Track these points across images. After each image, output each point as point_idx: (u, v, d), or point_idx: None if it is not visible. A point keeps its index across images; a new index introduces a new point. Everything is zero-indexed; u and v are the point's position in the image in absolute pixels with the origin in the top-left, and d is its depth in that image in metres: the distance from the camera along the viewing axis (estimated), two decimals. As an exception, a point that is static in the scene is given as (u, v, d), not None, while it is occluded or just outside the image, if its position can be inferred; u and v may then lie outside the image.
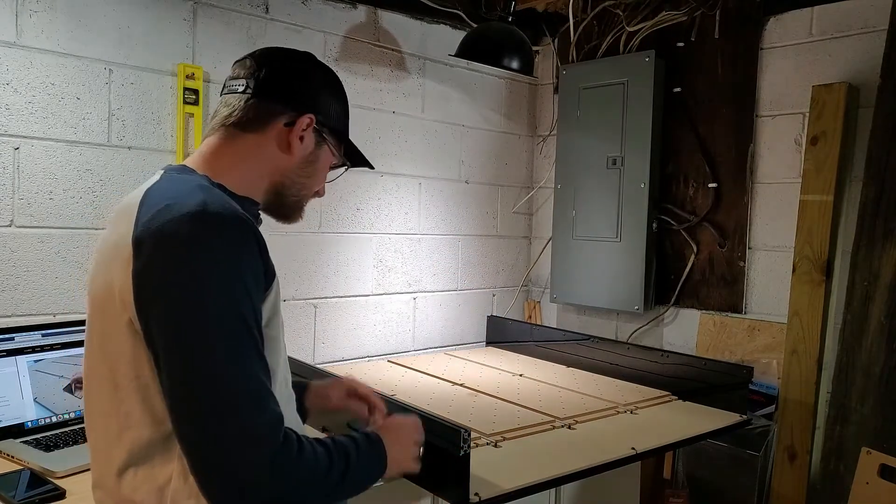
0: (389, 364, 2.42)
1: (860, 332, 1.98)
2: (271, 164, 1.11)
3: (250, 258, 0.95)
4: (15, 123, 1.77)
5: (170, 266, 0.90)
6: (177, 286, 0.90)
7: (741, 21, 2.37)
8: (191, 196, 0.95)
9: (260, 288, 0.97)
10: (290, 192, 1.14)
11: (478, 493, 1.33)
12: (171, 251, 0.90)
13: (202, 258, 0.90)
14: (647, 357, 2.23)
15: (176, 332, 0.89)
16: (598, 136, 2.64)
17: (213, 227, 0.92)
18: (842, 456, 1.99)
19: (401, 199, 2.63)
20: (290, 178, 1.13)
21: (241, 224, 0.95)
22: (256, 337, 0.93)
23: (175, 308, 0.90)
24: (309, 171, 1.14)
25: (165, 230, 0.91)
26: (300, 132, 1.10)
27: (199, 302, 0.89)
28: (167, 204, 0.94)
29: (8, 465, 1.47)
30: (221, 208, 0.94)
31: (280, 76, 1.11)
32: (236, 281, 0.92)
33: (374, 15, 2.50)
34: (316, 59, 1.18)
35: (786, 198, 2.28)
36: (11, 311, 1.78)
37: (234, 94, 1.10)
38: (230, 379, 0.89)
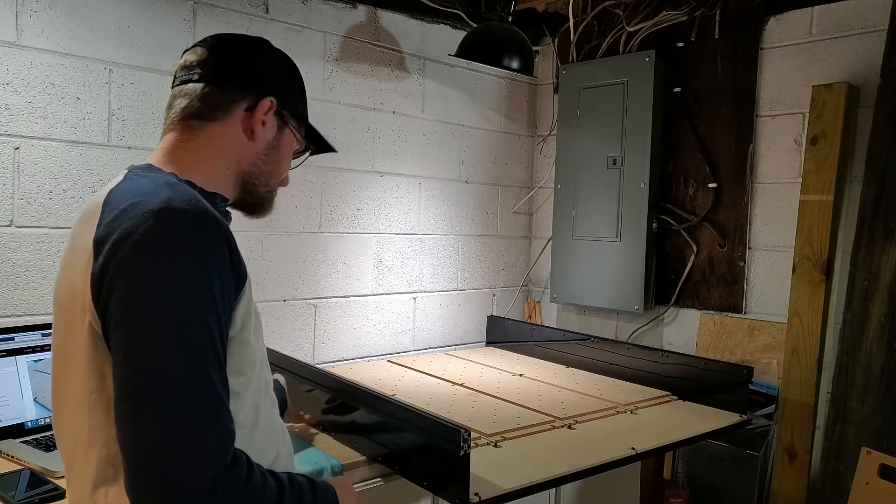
0: (389, 364, 2.42)
1: (860, 332, 1.98)
2: (237, 153, 1.06)
3: (218, 259, 0.89)
4: (15, 123, 1.77)
5: (130, 266, 0.85)
6: (137, 287, 0.84)
7: (741, 21, 2.37)
8: (156, 193, 0.90)
9: (229, 291, 0.91)
10: (259, 182, 1.10)
11: (478, 493, 1.33)
12: (132, 251, 0.85)
13: (165, 258, 0.85)
14: (647, 357, 2.23)
15: (133, 333, 0.84)
16: (598, 135, 2.64)
17: (179, 226, 0.87)
18: (842, 456, 1.99)
19: (401, 199, 2.63)
20: (258, 166, 1.08)
21: (209, 222, 0.90)
22: (218, 346, 0.87)
23: (133, 309, 0.84)
24: (274, 157, 1.10)
25: (127, 229, 0.86)
26: (262, 116, 1.06)
27: (160, 304, 0.84)
28: (131, 203, 0.89)
29: (8, 465, 1.47)
30: (188, 205, 0.89)
31: (235, 61, 1.07)
32: (201, 284, 0.86)
33: (374, 15, 2.50)
34: (268, 43, 1.13)
35: (786, 198, 2.28)
36: (11, 311, 1.78)
37: (187, 84, 1.04)
38: (183, 385, 0.83)
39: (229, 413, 0.87)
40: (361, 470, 1.58)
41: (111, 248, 0.86)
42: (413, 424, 1.46)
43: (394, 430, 1.52)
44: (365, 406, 1.60)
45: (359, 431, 1.62)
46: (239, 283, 0.94)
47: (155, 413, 0.82)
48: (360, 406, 1.62)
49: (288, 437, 1.16)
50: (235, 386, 0.93)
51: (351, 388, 1.65)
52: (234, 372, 0.94)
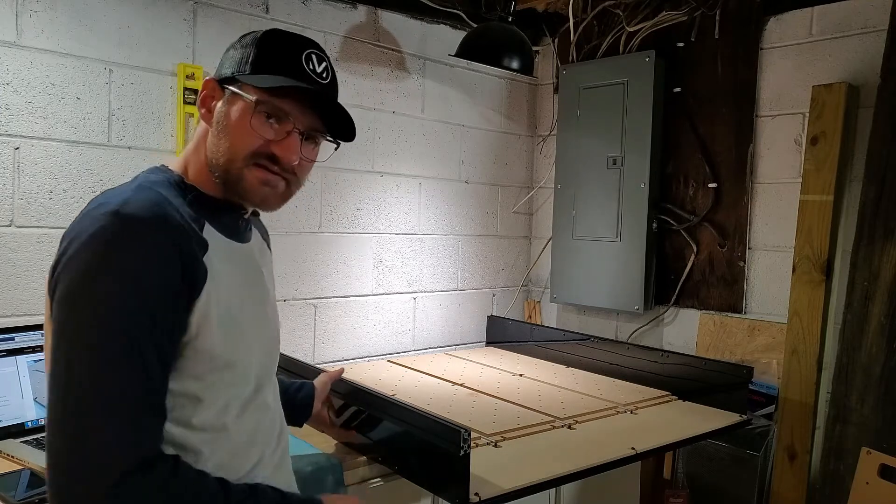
0: (389, 364, 2.42)
1: (860, 332, 1.98)
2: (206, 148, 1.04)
3: (160, 266, 0.89)
4: (15, 123, 1.77)
5: (71, 265, 0.88)
6: (69, 285, 0.88)
7: (741, 21, 2.37)
8: (120, 196, 0.92)
9: (173, 298, 0.91)
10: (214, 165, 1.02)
11: (478, 493, 1.33)
12: (77, 249, 0.88)
13: (102, 261, 0.87)
14: (647, 357, 2.23)
15: (58, 330, 0.88)
16: (598, 136, 2.64)
17: (123, 230, 0.88)
18: (842, 456, 1.99)
19: (401, 199, 2.63)
20: (210, 149, 1.03)
21: (157, 228, 0.90)
22: (146, 353, 0.87)
23: (63, 306, 0.88)
24: (221, 132, 1.02)
25: (81, 228, 0.90)
26: (204, 99, 1.05)
27: (84, 304, 0.86)
28: (98, 203, 0.93)
29: (8, 465, 1.47)
30: (139, 209, 0.90)
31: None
32: (134, 290, 0.87)
33: (374, 15, 2.50)
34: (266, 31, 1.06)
35: (786, 198, 2.28)
36: (11, 311, 1.78)
37: None
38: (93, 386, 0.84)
39: (146, 417, 0.88)
40: (361, 470, 1.58)
41: (66, 245, 0.91)
42: (413, 424, 1.46)
43: (394, 430, 1.52)
44: (365, 406, 1.60)
45: (359, 431, 1.62)
46: (193, 291, 0.93)
47: (61, 412, 0.85)
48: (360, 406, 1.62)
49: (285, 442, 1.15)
50: (194, 390, 0.95)
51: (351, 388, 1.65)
52: (191, 376, 0.95)
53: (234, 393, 1.01)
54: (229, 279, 1.00)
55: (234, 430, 1.01)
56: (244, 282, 1.05)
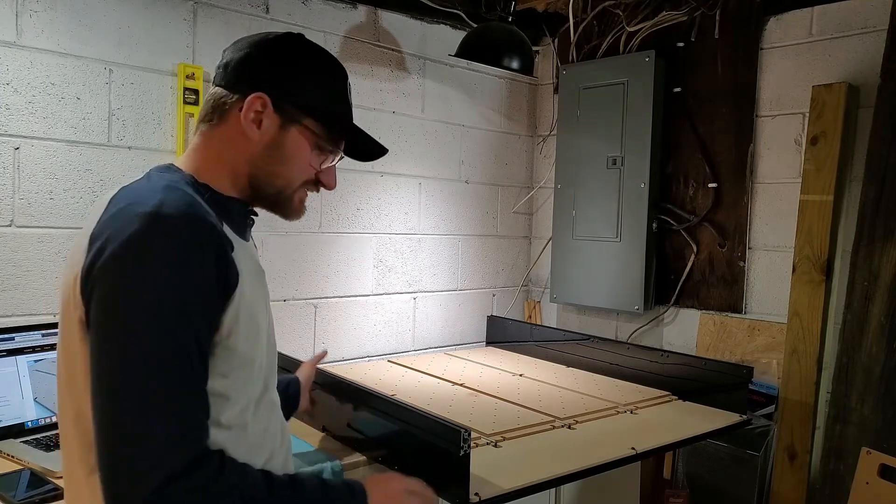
0: (389, 364, 2.42)
1: (860, 332, 1.98)
2: (238, 155, 1.04)
3: (201, 266, 0.90)
4: (15, 123, 1.77)
5: (113, 266, 0.88)
6: (113, 287, 0.87)
7: (741, 21, 2.37)
8: (151, 196, 0.92)
9: (213, 297, 0.92)
10: (264, 184, 1.06)
11: (478, 493, 1.33)
12: (116, 251, 0.88)
13: (145, 262, 0.87)
14: (647, 357, 2.23)
15: (103, 332, 0.87)
16: (598, 136, 2.64)
17: (163, 231, 0.89)
18: (842, 456, 1.99)
19: (401, 199, 2.63)
20: (260, 167, 1.04)
21: (197, 229, 0.91)
22: (192, 352, 0.89)
23: (108, 308, 0.87)
24: (277, 157, 1.04)
25: (117, 229, 0.89)
26: (251, 114, 1.02)
27: (133, 307, 0.87)
28: (127, 203, 0.92)
29: (8, 465, 1.47)
30: (176, 210, 0.90)
31: (238, 59, 1.05)
32: (177, 290, 0.88)
33: (374, 15, 2.50)
34: (294, 37, 1.08)
35: (786, 198, 2.28)
36: (11, 311, 1.78)
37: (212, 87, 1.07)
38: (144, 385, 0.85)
39: (195, 416, 0.89)
40: (361, 470, 1.58)
41: (101, 246, 0.89)
42: (413, 424, 1.46)
43: (394, 430, 1.52)
44: (365, 406, 1.60)
45: (359, 431, 1.62)
46: (227, 291, 0.94)
47: (111, 413, 0.85)
48: (360, 406, 1.62)
49: (288, 437, 1.16)
50: (221, 388, 0.96)
51: (351, 388, 1.65)
52: (219, 375, 0.96)
53: (251, 391, 1.03)
54: (248, 278, 1.01)
55: (251, 427, 1.02)
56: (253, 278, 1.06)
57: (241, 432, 1.00)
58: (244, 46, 1.06)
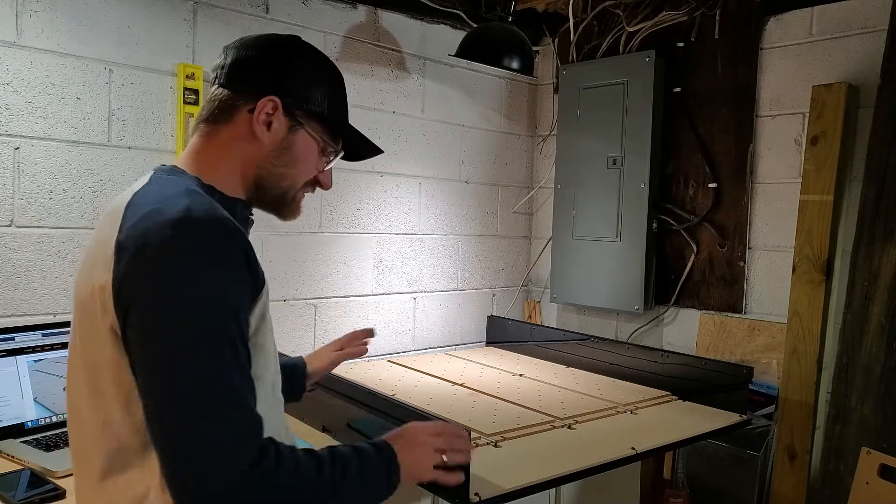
0: (389, 364, 2.42)
1: (860, 332, 1.98)
2: (245, 156, 1.05)
3: (235, 268, 0.92)
4: (15, 123, 1.77)
5: (151, 273, 0.88)
6: (157, 294, 0.88)
7: (741, 21, 2.37)
8: (176, 201, 0.92)
9: (246, 297, 0.94)
10: (269, 185, 1.08)
11: (478, 493, 1.33)
12: (153, 258, 0.88)
13: (183, 267, 0.88)
14: (647, 357, 2.23)
15: (155, 340, 0.88)
16: (598, 136, 2.64)
17: (197, 235, 0.90)
18: (842, 456, 1.99)
19: (401, 199, 2.63)
20: (266, 168, 1.06)
21: (226, 231, 0.92)
22: (239, 349, 0.91)
23: (155, 316, 0.88)
24: (285, 159, 1.07)
25: (148, 236, 0.89)
26: (262, 116, 1.03)
27: (180, 311, 0.87)
28: (153, 208, 0.92)
29: (8, 465, 1.47)
30: (205, 214, 0.92)
31: (243, 60, 1.05)
32: (218, 292, 0.89)
33: (374, 15, 2.50)
34: (297, 41, 1.10)
35: (786, 198, 2.28)
36: (11, 311, 1.78)
37: (212, 87, 1.07)
38: (205, 385, 0.86)
39: (254, 410, 0.91)
40: (361, 470, 1.58)
41: (133, 255, 0.89)
42: (413, 424, 1.46)
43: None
44: (365, 406, 1.60)
45: (359, 431, 1.62)
46: (256, 289, 0.96)
47: (179, 418, 0.86)
48: (360, 406, 1.62)
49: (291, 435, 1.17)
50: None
51: (351, 388, 1.65)
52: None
53: (269, 390, 1.04)
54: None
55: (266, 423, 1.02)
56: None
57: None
58: (247, 47, 1.06)
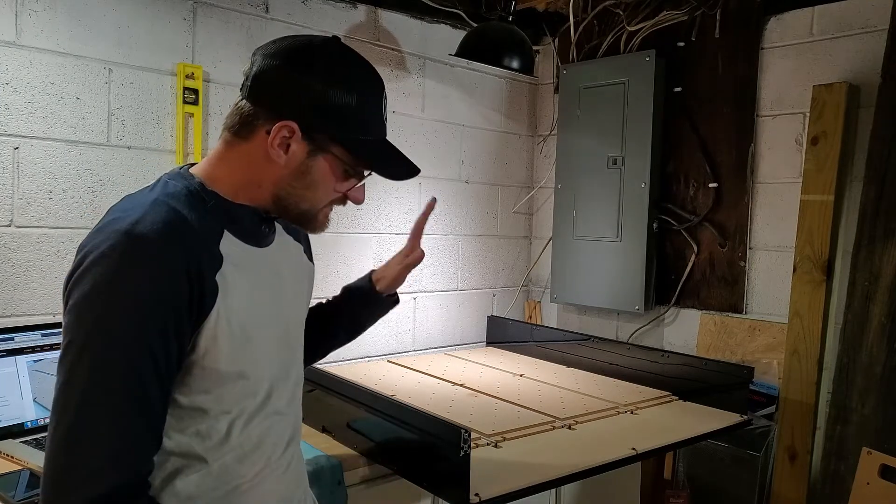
0: (389, 364, 2.41)
1: (861, 332, 1.98)
2: (263, 174, 1.00)
3: (169, 286, 0.89)
4: (15, 123, 1.77)
5: (81, 280, 0.87)
6: (78, 301, 0.87)
7: (741, 21, 2.37)
8: (134, 212, 0.91)
9: (180, 319, 0.90)
10: (289, 205, 1.03)
11: (478, 494, 1.33)
12: (87, 266, 0.87)
13: (108, 280, 0.86)
14: (647, 357, 2.23)
15: (64, 347, 0.87)
16: (598, 136, 2.64)
17: (133, 249, 0.88)
18: (842, 456, 1.98)
19: (401, 199, 2.62)
20: (285, 189, 1.01)
21: (167, 249, 0.89)
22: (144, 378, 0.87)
23: (70, 322, 0.87)
24: (303, 182, 1.01)
25: (94, 243, 0.89)
26: (278, 141, 0.97)
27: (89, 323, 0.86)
28: (113, 217, 0.92)
29: (8, 465, 1.47)
30: (151, 230, 0.89)
31: (266, 73, 0.98)
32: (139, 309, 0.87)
33: (374, 14, 2.50)
34: (330, 46, 1.01)
35: (786, 198, 2.28)
36: (11, 311, 1.78)
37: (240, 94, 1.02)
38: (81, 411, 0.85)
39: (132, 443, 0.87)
40: (361, 470, 1.58)
41: (81, 257, 0.89)
42: (413, 424, 1.46)
43: (394, 431, 1.52)
44: (365, 406, 1.60)
45: (359, 431, 1.62)
46: (202, 312, 0.92)
47: (53, 428, 0.85)
48: (360, 406, 1.62)
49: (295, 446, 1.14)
50: (201, 402, 0.96)
51: (351, 388, 1.65)
52: (200, 391, 0.95)
53: (243, 404, 1.01)
54: (244, 291, 0.98)
55: (241, 438, 1.00)
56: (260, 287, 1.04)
57: (224, 443, 0.98)
58: (274, 57, 0.99)
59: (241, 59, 2.14)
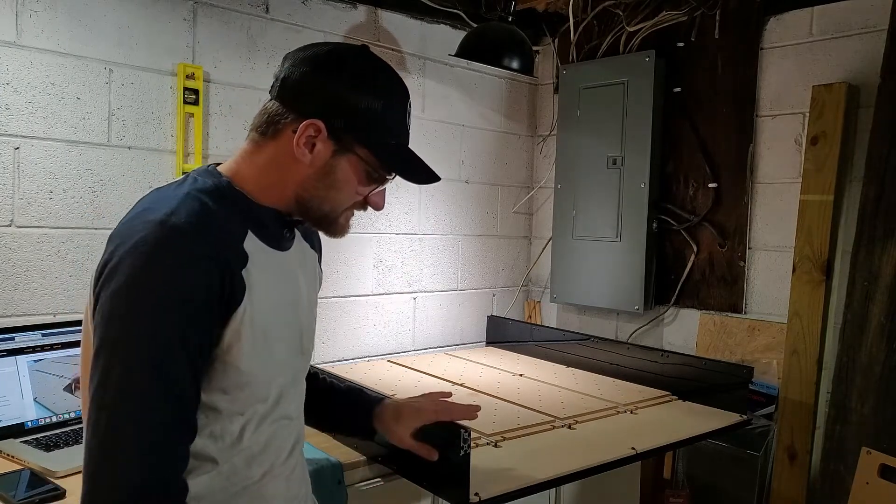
0: (389, 364, 2.42)
1: (860, 332, 1.98)
2: (288, 174, 1.02)
3: (202, 277, 0.90)
4: (15, 123, 1.77)
5: (118, 268, 0.88)
6: (116, 291, 0.87)
7: (741, 21, 2.37)
8: (167, 203, 0.93)
9: (211, 311, 0.91)
10: (311, 206, 1.04)
11: (478, 493, 1.33)
12: (121, 257, 0.88)
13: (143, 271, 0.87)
14: (647, 357, 2.23)
15: (102, 333, 0.88)
16: (598, 136, 2.64)
17: (167, 239, 0.89)
18: (842, 456, 1.99)
19: (401, 199, 2.62)
20: (308, 190, 1.02)
21: (201, 240, 0.91)
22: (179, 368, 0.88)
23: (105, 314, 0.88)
24: (328, 182, 1.02)
25: (128, 232, 0.90)
26: (304, 139, 0.99)
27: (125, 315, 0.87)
28: (144, 208, 0.94)
29: (8, 465, 1.47)
30: (185, 221, 0.90)
31: (296, 75, 1.01)
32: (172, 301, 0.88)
33: (374, 15, 2.50)
34: (360, 54, 1.04)
35: (786, 198, 2.28)
36: (11, 311, 1.78)
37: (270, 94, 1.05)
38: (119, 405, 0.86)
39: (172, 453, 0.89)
40: (361, 470, 1.58)
41: (113, 248, 0.90)
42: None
43: (394, 430, 1.51)
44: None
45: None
46: (230, 306, 0.93)
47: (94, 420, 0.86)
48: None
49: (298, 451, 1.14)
50: (218, 402, 0.96)
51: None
52: (218, 389, 0.96)
53: (255, 406, 1.01)
54: (266, 293, 0.99)
55: (248, 441, 1.01)
56: (279, 290, 1.04)
57: (235, 446, 0.99)
58: (304, 62, 1.01)
59: (241, 59, 2.14)
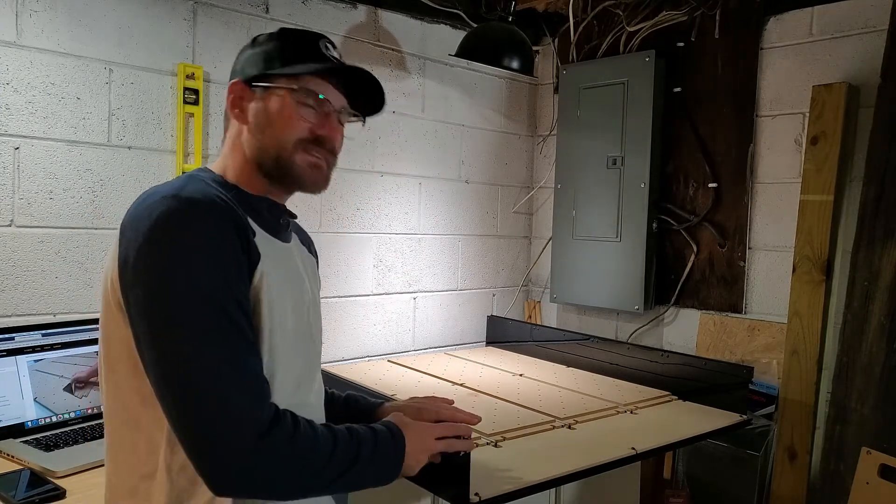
0: (389, 364, 2.42)
1: (860, 332, 1.98)
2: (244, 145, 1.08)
3: (227, 238, 0.94)
4: (15, 123, 1.77)
5: (149, 250, 0.91)
6: (155, 269, 0.91)
7: (741, 21, 2.37)
8: (171, 185, 0.98)
9: (241, 268, 0.95)
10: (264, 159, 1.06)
11: (478, 493, 1.33)
12: (145, 233, 0.91)
13: (178, 239, 0.91)
14: (647, 357, 2.23)
15: (149, 313, 0.90)
16: (598, 136, 2.64)
17: (186, 208, 0.92)
18: (842, 456, 1.99)
19: (401, 199, 2.63)
20: (255, 144, 1.07)
21: (216, 207, 0.95)
22: (235, 316, 0.92)
23: (148, 290, 0.90)
24: (261, 125, 1.06)
25: (140, 213, 0.94)
26: (234, 103, 1.08)
27: (173, 288, 0.89)
28: (150, 193, 0.97)
29: (8, 465, 1.47)
30: (196, 193, 0.95)
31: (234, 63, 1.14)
32: (214, 259, 0.92)
33: (374, 15, 2.50)
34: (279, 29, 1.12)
35: (786, 198, 2.28)
36: (11, 311, 1.78)
37: None
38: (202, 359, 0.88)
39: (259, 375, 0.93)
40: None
41: (132, 235, 0.93)
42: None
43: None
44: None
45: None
46: (250, 266, 0.97)
47: (188, 391, 0.88)
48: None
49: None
50: None
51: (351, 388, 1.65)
52: None
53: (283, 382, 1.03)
54: (275, 269, 1.03)
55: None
56: (287, 280, 1.07)
57: None
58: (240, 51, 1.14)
59: (241, 59, 2.14)
